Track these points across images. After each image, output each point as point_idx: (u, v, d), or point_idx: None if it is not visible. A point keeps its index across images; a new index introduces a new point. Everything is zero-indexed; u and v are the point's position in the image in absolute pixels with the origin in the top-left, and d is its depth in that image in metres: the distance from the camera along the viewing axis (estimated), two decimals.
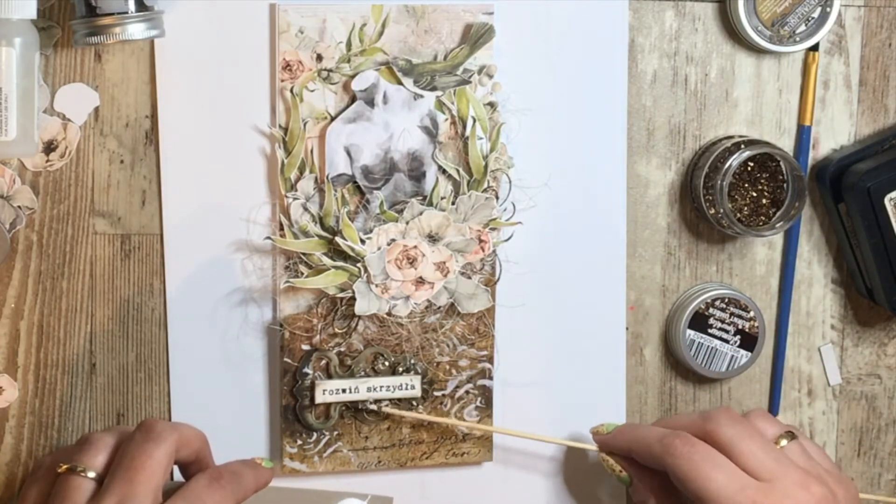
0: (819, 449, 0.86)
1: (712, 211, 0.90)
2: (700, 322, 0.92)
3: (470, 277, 0.88)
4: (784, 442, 0.84)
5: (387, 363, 0.88)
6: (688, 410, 0.95)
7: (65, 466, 0.76)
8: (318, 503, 0.87)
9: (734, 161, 0.88)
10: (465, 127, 0.86)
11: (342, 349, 0.87)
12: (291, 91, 0.84)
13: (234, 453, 0.86)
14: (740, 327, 0.93)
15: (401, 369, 0.88)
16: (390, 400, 0.88)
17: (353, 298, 0.86)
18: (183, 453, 0.78)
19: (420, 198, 0.86)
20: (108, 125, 0.84)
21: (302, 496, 0.87)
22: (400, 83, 0.85)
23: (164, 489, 0.76)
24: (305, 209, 0.85)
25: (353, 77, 0.85)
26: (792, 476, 0.80)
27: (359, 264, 0.85)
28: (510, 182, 0.88)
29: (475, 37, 0.85)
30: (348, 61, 0.84)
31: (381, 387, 0.88)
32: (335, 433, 0.88)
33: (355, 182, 0.86)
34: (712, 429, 0.82)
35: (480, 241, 0.87)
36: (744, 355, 0.93)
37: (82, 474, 0.76)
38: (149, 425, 0.77)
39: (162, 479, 0.75)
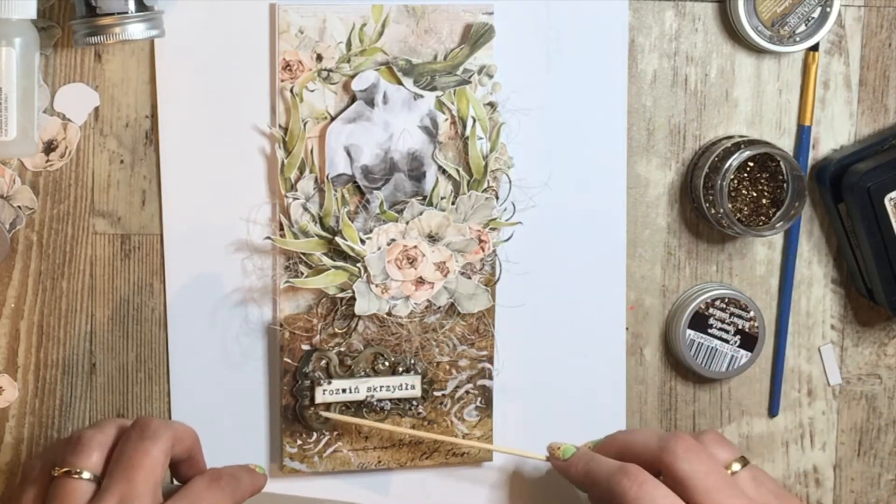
0: (766, 474, 0.84)
1: (712, 211, 0.90)
2: (700, 322, 0.92)
3: (470, 277, 0.88)
4: (736, 467, 0.82)
5: (387, 363, 0.88)
6: (648, 428, 0.93)
7: (60, 470, 0.76)
8: None
9: (734, 161, 0.88)
10: (465, 127, 0.86)
11: (342, 349, 0.87)
12: (291, 91, 0.84)
13: (234, 453, 0.86)
14: (740, 327, 0.93)
15: (401, 369, 0.88)
16: (390, 400, 0.88)
17: (353, 298, 0.86)
18: (176, 450, 0.78)
19: (420, 198, 0.86)
20: (108, 125, 0.84)
21: (293, 503, 0.87)
22: (400, 83, 0.85)
23: (162, 490, 0.76)
24: (305, 209, 0.85)
25: (353, 77, 0.85)
26: None
27: (359, 264, 0.85)
28: (510, 182, 0.88)
29: (475, 37, 0.86)
30: (348, 61, 0.84)
31: (381, 387, 0.88)
32: (335, 433, 0.88)
33: (355, 182, 0.86)
34: (669, 462, 0.80)
35: (480, 241, 0.87)
36: (744, 355, 0.93)
37: (77, 476, 0.75)
38: (144, 423, 0.77)
39: (160, 476, 0.75)
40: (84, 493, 0.75)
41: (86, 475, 0.76)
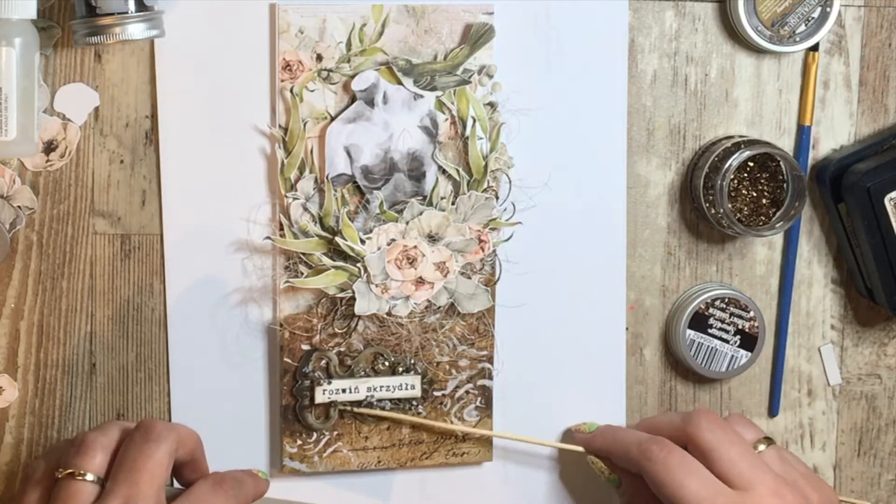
0: (795, 456, 0.87)
1: (712, 211, 0.90)
2: (700, 322, 0.92)
3: (470, 277, 0.88)
4: (762, 447, 0.85)
5: (387, 363, 0.88)
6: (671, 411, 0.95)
7: (64, 472, 0.76)
8: None
9: (734, 161, 0.88)
10: (465, 127, 0.86)
11: (342, 349, 0.87)
12: (291, 91, 0.84)
13: (234, 453, 0.86)
14: (740, 327, 0.93)
15: (401, 369, 0.88)
16: (390, 400, 0.88)
17: (353, 298, 0.86)
18: (179, 453, 0.78)
19: (420, 198, 0.86)
20: (108, 125, 0.84)
21: None
22: (400, 83, 0.85)
23: (165, 493, 0.76)
24: (305, 209, 0.85)
25: (353, 77, 0.85)
26: (767, 484, 0.81)
27: (359, 264, 0.85)
28: (510, 182, 0.88)
29: (475, 37, 0.86)
30: (348, 61, 0.84)
31: (381, 387, 0.88)
32: (335, 433, 0.88)
33: (355, 182, 0.86)
34: (693, 432, 0.83)
35: (480, 241, 0.87)
36: (744, 355, 0.93)
37: (81, 478, 0.75)
38: (148, 426, 0.77)
39: (164, 479, 0.76)
40: (88, 494, 0.75)
41: (89, 477, 0.76)
